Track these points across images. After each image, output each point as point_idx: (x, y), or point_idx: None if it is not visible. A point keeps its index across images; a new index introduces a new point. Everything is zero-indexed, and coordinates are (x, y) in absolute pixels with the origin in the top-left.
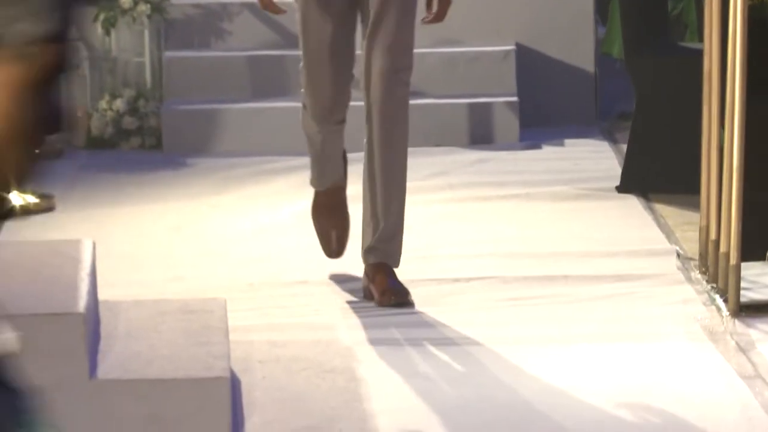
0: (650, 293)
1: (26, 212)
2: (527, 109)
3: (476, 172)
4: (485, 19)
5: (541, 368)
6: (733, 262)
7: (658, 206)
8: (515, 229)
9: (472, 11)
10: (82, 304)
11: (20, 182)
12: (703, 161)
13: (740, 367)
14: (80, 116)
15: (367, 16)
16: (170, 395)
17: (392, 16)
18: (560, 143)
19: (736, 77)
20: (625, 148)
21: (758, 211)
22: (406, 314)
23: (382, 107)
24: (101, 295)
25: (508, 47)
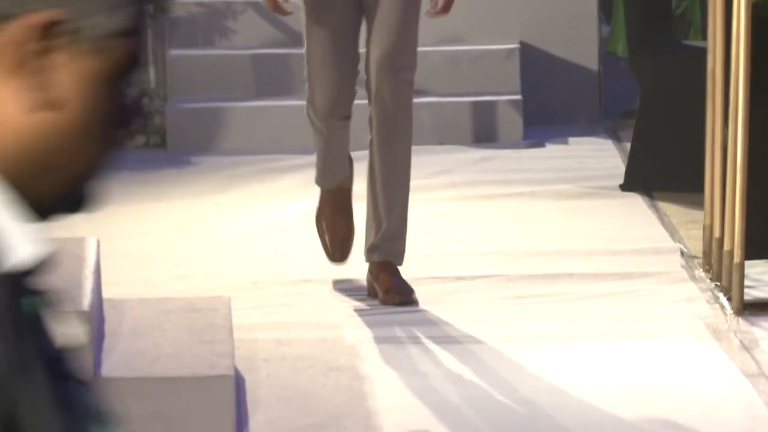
0: (654, 291)
1: None
2: (531, 107)
3: (480, 170)
4: (489, 17)
5: (545, 366)
6: (736, 260)
7: (662, 204)
8: (519, 227)
9: (475, 9)
10: (86, 302)
11: (89, 177)
12: (706, 159)
13: (744, 365)
14: None
15: (371, 14)
16: (174, 393)
17: (396, 14)
18: (564, 142)
19: (739, 76)
20: (628, 146)
21: (762, 209)
22: (410, 312)
23: (385, 106)
24: (105, 293)
25: (512, 45)
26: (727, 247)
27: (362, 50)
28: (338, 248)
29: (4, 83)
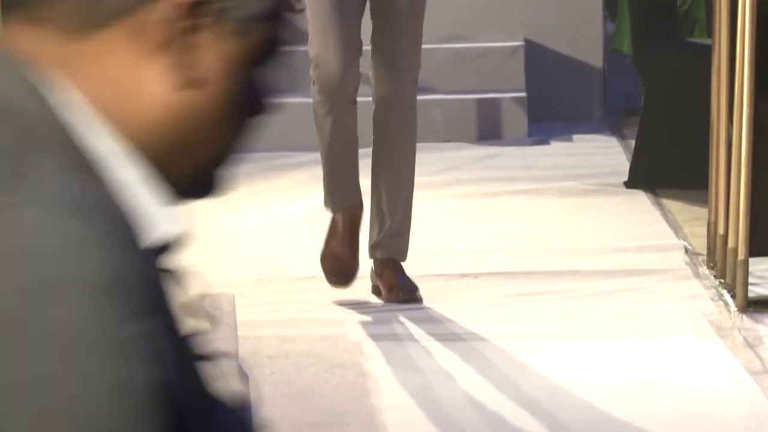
0: (658, 288)
1: None
2: (536, 104)
3: (485, 167)
4: (494, 14)
5: (548, 363)
6: (741, 257)
7: (666, 201)
8: (523, 224)
9: (480, 7)
10: None
11: (221, 162)
12: (711, 156)
13: (748, 362)
14: None
15: (377, 7)
16: None
17: (401, 12)
18: (569, 139)
19: (744, 73)
20: (633, 143)
21: (766, 206)
22: (414, 310)
23: (389, 105)
24: None
25: (516, 43)
26: (731, 244)
27: (366, 47)
28: (342, 281)
29: (150, 61)
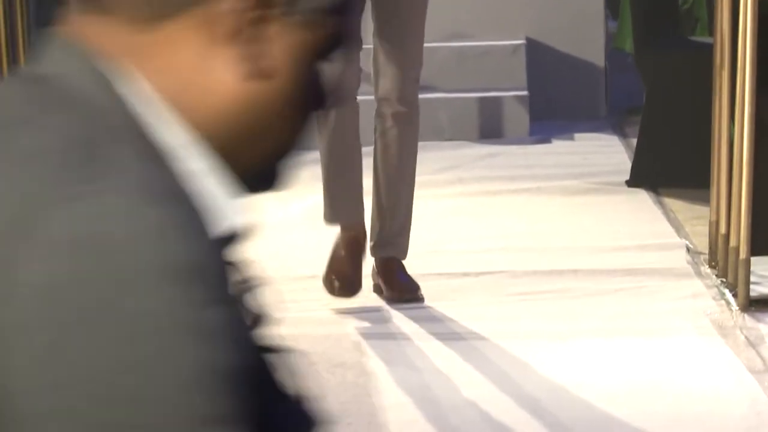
0: (660, 288)
1: None
2: (537, 103)
3: (486, 166)
4: (495, 13)
5: (549, 363)
6: (742, 256)
7: (667, 200)
8: (525, 223)
9: (482, 5)
10: None
11: (283, 155)
12: (713, 155)
13: (749, 361)
14: None
15: (378, 10)
16: None
17: (402, 10)
18: (570, 137)
19: (746, 71)
20: (634, 142)
21: None
22: (415, 309)
23: (391, 103)
24: None
25: (518, 41)
26: (733, 243)
27: (367, 46)
28: (344, 294)
29: (218, 51)
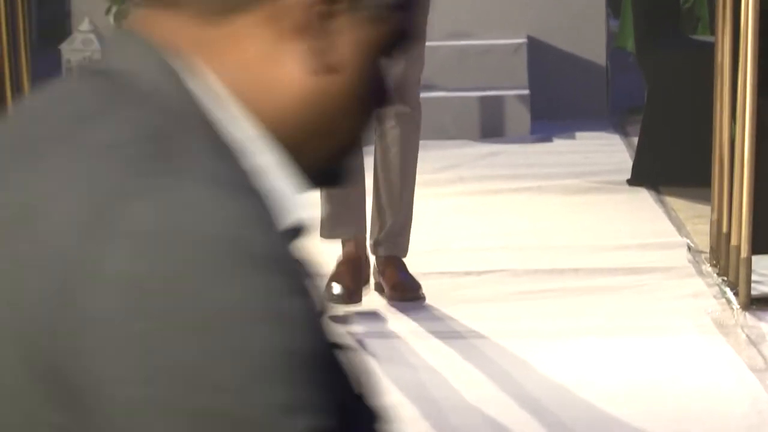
0: (661, 286)
1: None
2: (538, 102)
3: (488, 165)
4: (497, 12)
5: (550, 361)
6: (744, 255)
7: (669, 199)
8: (526, 222)
9: (483, 4)
10: None
11: (348, 152)
12: (714, 154)
13: (751, 360)
14: None
15: None
16: None
17: None
18: (571, 136)
19: (747, 70)
20: (636, 141)
21: None
22: (416, 308)
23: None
24: None
25: (519, 40)
26: (734, 242)
27: None
28: (345, 300)
29: (287, 45)
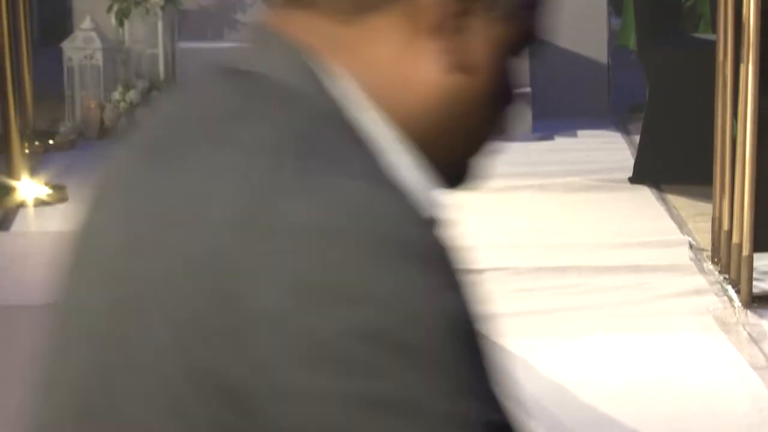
0: (662, 284)
1: (39, 203)
2: (540, 100)
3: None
4: None
5: (552, 359)
6: (745, 252)
7: (670, 197)
8: (528, 220)
9: None
10: None
11: (477, 153)
12: (715, 152)
13: (752, 357)
14: (93, 107)
15: None
16: None
17: None
18: (573, 134)
19: (749, 68)
20: (637, 139)
21: None
22: None
23: None
24: None
25: None
26: (735, 239)
27: None
28: None
29: (421, 44)
